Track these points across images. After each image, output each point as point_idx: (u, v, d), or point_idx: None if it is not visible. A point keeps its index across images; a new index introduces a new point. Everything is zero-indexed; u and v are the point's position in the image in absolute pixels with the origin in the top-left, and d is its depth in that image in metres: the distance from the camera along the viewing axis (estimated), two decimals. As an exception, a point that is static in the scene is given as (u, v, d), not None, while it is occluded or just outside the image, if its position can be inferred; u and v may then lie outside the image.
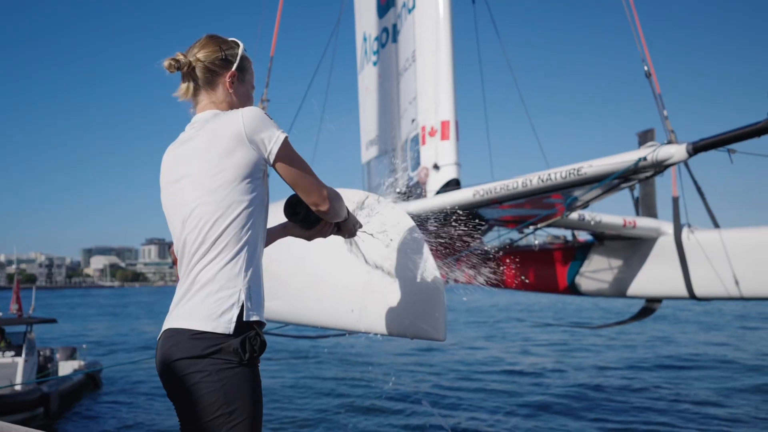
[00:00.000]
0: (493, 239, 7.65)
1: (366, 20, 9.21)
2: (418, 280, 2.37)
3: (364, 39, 9.29)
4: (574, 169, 4.87)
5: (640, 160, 4.54)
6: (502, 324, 30.10)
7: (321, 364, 18.24)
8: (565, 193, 5.56)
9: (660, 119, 5.34)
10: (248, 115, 1.87)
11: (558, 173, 4.98)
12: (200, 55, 2.02)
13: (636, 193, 7.15)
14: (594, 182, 4.97)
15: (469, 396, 13.34)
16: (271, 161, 1.88)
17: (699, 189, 6.11)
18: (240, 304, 1.80)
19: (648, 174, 4.86)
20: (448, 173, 6.39)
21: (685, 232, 6.23)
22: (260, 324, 1.86)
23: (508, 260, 8.13)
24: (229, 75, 2.03)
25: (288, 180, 1.93)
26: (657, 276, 6.44)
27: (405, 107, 7.47)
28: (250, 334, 1.80)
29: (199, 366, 1.76)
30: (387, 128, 8.24)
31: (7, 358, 13.32)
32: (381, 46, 8.61)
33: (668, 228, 6.43)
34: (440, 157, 6.50)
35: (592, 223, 6.16)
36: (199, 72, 2.02)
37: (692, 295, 6.15)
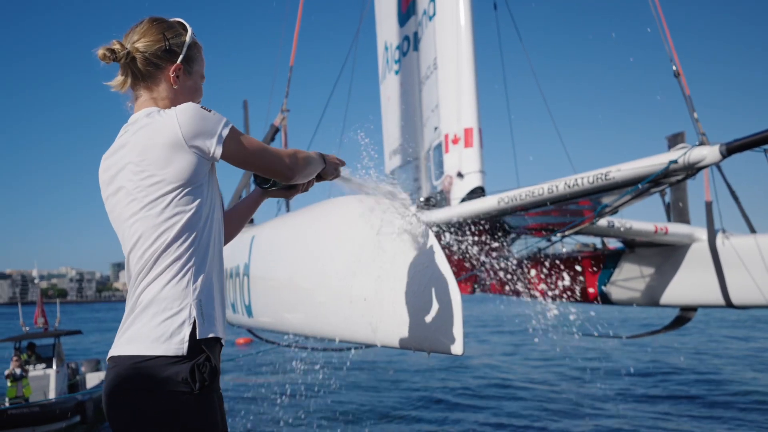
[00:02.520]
0: (520, 248, 7.50)
1: (387, 29, 9.16)
2: (436, 292, 2.26)
3: (386, 48, 9.24)
4: (602, 174, 4.72)
5: (671, 162, 4.38)
6: (529, 334, 29.65)
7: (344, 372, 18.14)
8: (593, 198, 5.41)
9: (690, 121, 5.17)
10: (184, 115, 1.66)
11: (585, 178, 4.83)
12: (139, 45, 1.79)
13: (667, 198, 6.96)
14: (623, 187, 4.81)
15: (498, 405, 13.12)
16: (218, 158, 1.71)
17: (733, 192, 5.89)
18: (192, 320, 1.63)
19: (680, 177, 4.69)
20: (473, 181, 6.27)
21: (719, 238, 6.02)
22: (214, 341, 1.69)
23: (535, 269, 7.97)
24: (174, 69, 1.81)
25: (245, 169, 1.80)
26: (691, 284, 6.23)
27: (427, 115, 7.37)
28: (199, 360, 1.61)
29: (145, 398, 1.57)
30: (410, 137, 8.15)
31: (39, 370, 13.72)
32: (402, 54, 8.54)
33: (702, 234, 6.23)
34: (464, 165, 6.38)
35: (622, 229, 5.98)
36: (139, 64, 1.79)
37: (729, 303, 5.93)
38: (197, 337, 1.63)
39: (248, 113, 8.79)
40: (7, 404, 12.17)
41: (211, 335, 1.66)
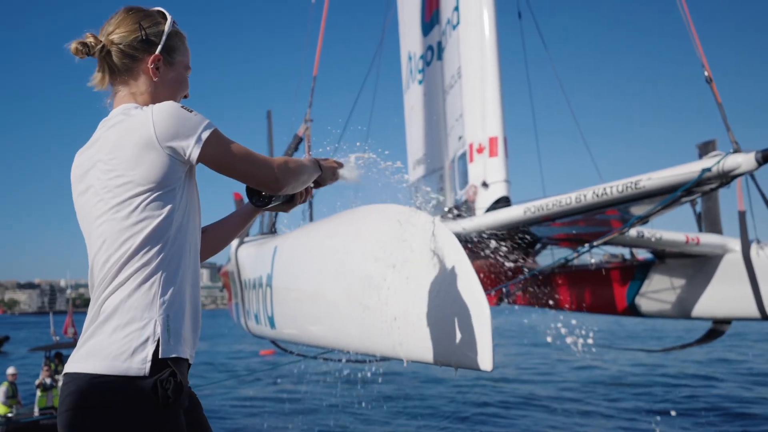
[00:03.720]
0: (546, 259, 7.38)
1: (410, 39, 9.13)
2: (463, 305, 2.17)
3: (409, 58, 9.20)
4: (632, 183, 4.60)
5: (705, 171, 4.25)
6: (556, 347, 29.32)
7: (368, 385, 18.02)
8: (621, 208, 5.29)
9: (723, 128, 5.02)
10: (160, 114, 1.54)
11: (614, 187, 4.71)
12: (114, 37, 1.66)
13: (698, 207, 6.80)
14: (653, 196, 4.69)
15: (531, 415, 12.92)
16: (194, 161, 1.58)
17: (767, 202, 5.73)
18: (156, 338, 1.48)
19: (713, 186, 4.55)
20: (498, 191, 6.17)
21: (753, 249, 5.85)
22: (180, 361, 1.53)
23: (562, 280, 7.83)
24: (152, 60, 1.68)
25: (227, 175, 1.64)
26: (725, 296, 6.06)
27: (451, 125, 7.30)
28: (162, 375, 1.46)
29: (103, 416, 1.43)
30: (434, 147, 8.09)
31: None
32: (426, 64, 8.49)
33: (735, 244, 6.06)
34: (489, 175, 6.29)
35: (653, 240, 5.84)
36: (114, 57, 1.66)
37: (764, 316, 5.76)
38: (160, 356, 1.48)
39: (272, 123, 8.80)
40: (37, 413, 12.24)
41: (174, 355, 1.52)
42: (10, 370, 13.11)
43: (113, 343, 1.48)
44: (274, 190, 1.73)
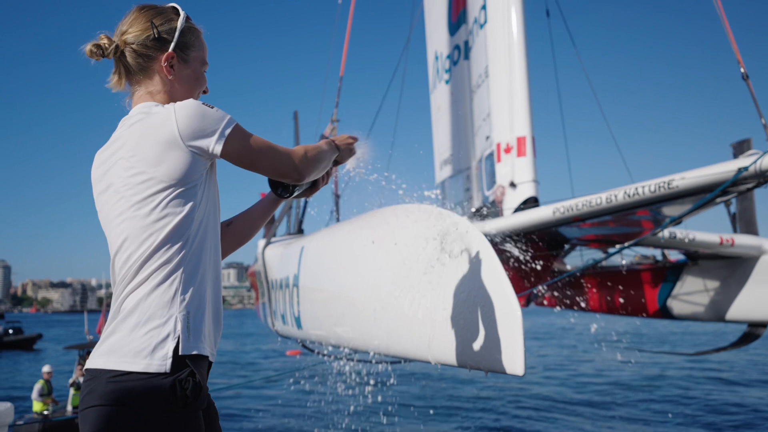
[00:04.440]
0: (575, 260, 7.27)
1: (437, 39, 9.09)
2: (494, 307, 2.11)
3: (436, 58, 9.16)
4: (665, 182, 4.50)
5: (741, 170, 4.13)
6: (586, 349, 28.98)
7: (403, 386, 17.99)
8: (653, 209, 5.18)
9: (757, 127, 4.91)
10: (183, 111, 1.53)
11: (646, 187, 4.61)
12: (128, 37, 1.65)
13: (732, 208, 6.65)
14: (687, 196, 4.58)
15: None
16: (218, 156, 1.58)
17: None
18: (176, 335, 1.48)
19: (749, 186, 4.43)
20: (526, 191, 6.09)
21: (791, 250, 5.71)
22: (200, 358, 1.53)
23: (591, 282, 7.72)
24: (165, 58, 1.66)
25: (250, 170, 1.65)
26: (760, 298, 5.92)
27: (479, 124, 7.24)
28: (181, 375, 1.46)
29: (121, 414, 1.43)
30: (461, 147, 8.03)
31: None
32: (453, 63, 8.44)
33: (771, 245, 5.92)
34: (517, 175, 6.22)
35: (686, 241, 5.72)
36: (129, 57, 1.66)
37: (802, 319, 5.61)
38: (180, 353, 1.48)
39: (299, 123, 8.82)
40: (70, 411, 12.36)
41: (195, 352, 1.51)
42: (46, 368, 13.28)
43: (134, 340, 1.48)
44: (297, 180, 1.74)
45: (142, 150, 1.53)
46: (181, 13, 1.71)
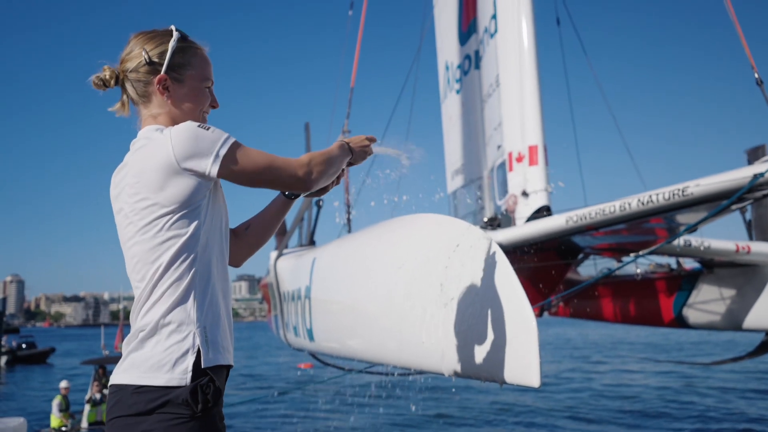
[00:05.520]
0: (589, 269, 7.22)
1: (447, 49, 9.09)
2: (508, 317, 2.08)
3: (446, 68, 9.16)
4: (679, 190, 4.45)
5: (757, 176, 4.08)
6: (600, 359, 28.74)
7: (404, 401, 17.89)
8: (667, 216, 5.13)
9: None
10: (177, 137, 1.57)
11: (660, 195, 4.57)
12: (126, 65, 1.72)
13: (747, 215, 6.58)
14: (702, 203, 4.53)
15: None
16: (215, 178, 1.60)
17: (823, 208, 5.51)
18: (195, 349, 1.55)
19: (765, 192, 4.38)
20: (538, 200, 6.05)
21: (809, 257, 5.63)
22: (221, 368, 1.60)
23: (606, 291, 7.65)
24: (158, 80, 1.70)
25: (253, 187, 1.66)
26: (778, 306, 5.84)
27: (490, 134, 7.22)
28: (202, 381, 1.52)
29: (144, 425, 1.49)
30: (472, 156, 8.01)
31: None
32: (464, 73, 8.44)
33: (789, 253, 5.84)
34: (529, 184, 6.18)
35: (701, 249, 5.66)
36: (127, 85, 1.73)
37: (821, 327, 5.52)
38: (202, 366, 1.54)
39: (310, 135, 8.84)
40: (85, 427, 12.24)
41: (215, 364, 1.57)
42: (63, 384, 13.22)
43: (155, 355, 1.54)
44: (304, 190, 1.74)
45: (145, 176, 1.58)
46: (174, 34, 1.73)
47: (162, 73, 1.70)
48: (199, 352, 1.55)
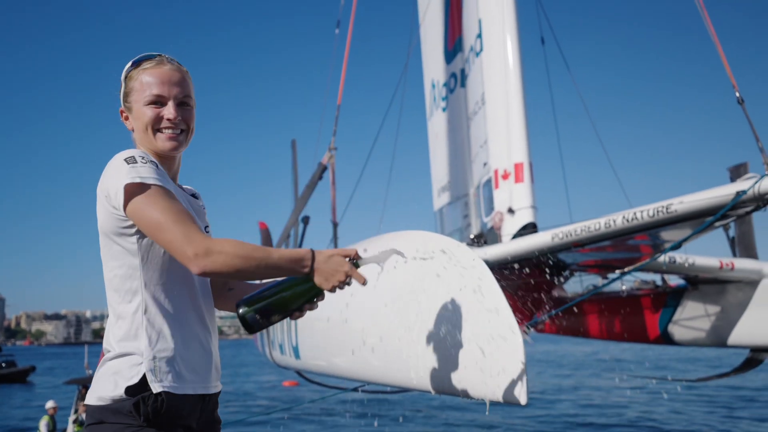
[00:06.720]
0: (575, 285, 7.23)
1: (433, 67, 9.16)
2: (494, 335, 2.08)
3: (433, 86, 9.22)
4: (663, 207, 4.49)
5: (740, 194, 4.13)
6: (587, 376, 28.76)
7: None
8: (652, 233, 5.17)
9: (753, 150, 4.91)
10: (107, 167, 1.62)
11: (645, 212, 4.60)
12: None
13: (731, 231, 6.64)
14: (686, 221, 4.57)
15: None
16: (124, 212, 1.56)
17: (805, 225, 5.57)
18: (141, 375, 1.57)
19: (748, 209, 4.43)
20: (524, 217, 6.08)
21: (792, 274, 5.69)
22: (175, 396, 1.60)
23: (591, 308, 7.67)
24: (121, 114, 1.80)
25: (148, 236, 1.59)
26: (762, 323, 5.88)
27: (476, 151, 7.26)
28: (145, 393, 1.55)
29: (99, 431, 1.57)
30: (458, 174, 8.04)
31: None
32: (449, 91, 8.49)
33: (771, 269, 5.90)
34: (515, 201, 6.21)
35: (685, 266, 5.70)
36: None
37: (805, 343, 5.57)
38: (153, 392, 1.57)
39: (296, 152, 8.84)
40: None
41: (161, 390, 1.58)
42: (50, 404, 13.00)
43: (108, 378, 1.59)
44: (194, 271, 1.53)
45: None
46: (126, 66, 1.77)
47: (120, 107, 1.79)
48: (145, 379, 1.57)
